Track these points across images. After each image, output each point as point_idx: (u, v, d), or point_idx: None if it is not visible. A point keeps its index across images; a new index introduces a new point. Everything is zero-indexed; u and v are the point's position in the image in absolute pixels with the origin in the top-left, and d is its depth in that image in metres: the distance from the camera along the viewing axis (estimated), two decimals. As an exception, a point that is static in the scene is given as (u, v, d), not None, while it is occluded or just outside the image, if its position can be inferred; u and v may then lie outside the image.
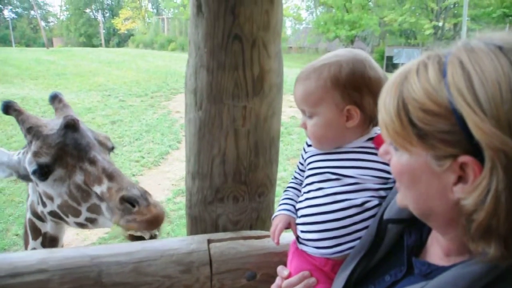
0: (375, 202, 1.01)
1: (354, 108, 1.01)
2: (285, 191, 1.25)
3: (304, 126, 1.09)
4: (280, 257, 1.27)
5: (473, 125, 0.58)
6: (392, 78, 0.71)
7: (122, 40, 41.43)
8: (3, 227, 4.74)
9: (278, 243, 1.14)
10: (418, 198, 0.71)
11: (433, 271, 0.74)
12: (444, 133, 0.61)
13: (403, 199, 0.76)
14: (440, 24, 24.68)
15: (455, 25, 25.34)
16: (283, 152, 7.15)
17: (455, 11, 25.07)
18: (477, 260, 0.65)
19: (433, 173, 0.66)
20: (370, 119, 1.04)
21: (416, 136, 0.65)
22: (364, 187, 1.02)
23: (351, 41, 27.01)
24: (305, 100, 1.05)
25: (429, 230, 0.84)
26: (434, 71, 0.64)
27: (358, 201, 1.01)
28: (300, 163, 1.21)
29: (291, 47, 33.83)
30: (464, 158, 0.60)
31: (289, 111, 9.73)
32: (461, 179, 0.63)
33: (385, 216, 0.90)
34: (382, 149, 0.79)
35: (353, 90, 1.00)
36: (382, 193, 1.02)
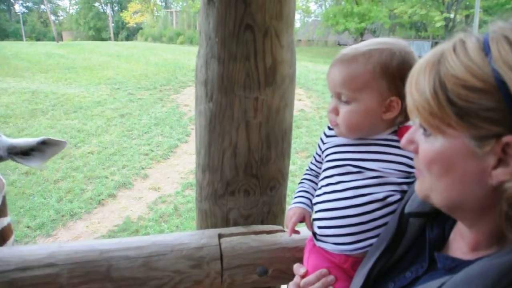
0: (398, 196, 0.98)
1: (397, 100, 0.95)
2: (301, 183, 1.22)
3: (335, 111, 1.01)
4: (293, 253, 1.24)
5: None
6: (423, 59, 0.67)
7: (131, 34, 41.51)
8: (15, 219, 4.78)
9: (290, 234, 1.12)
10: (451, 187, 0.67)
11: (458, 265, 0.70)
12: (488, 110, 0.58)
13: (428, 189, 0.71)
14: (452, 16, 24.32)
15: (467, 16, 24.94)
16: (292, 145, 7.11)
17: (467, 3, 24.66)
18: (508, 250, 0.61)
19: (471, 156, 0.62)
20: (405, 114, 1.00)
21: (456, 115, 0.61)
22: (387, 181, 0.98)
23: (360, 33, 26.76)
24: (347, 84, 0.97)
25: (452, 224, 0.80)
26: (474, 47, 0.60)
27: (380, 195, 0.97)
28: (317, 154, 1.17)
29: (300, 40, 33.62)
30: (509, 138, 0.57)
31: (298, 104, 9.68)
32: (501, 162, 0.59)
33: (406, 210, 0.86)
34: (405, 138, 0.74)
35: (400, 81, 0.93)
36: (405, 187, 0.99)
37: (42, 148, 1.37)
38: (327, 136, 1.11)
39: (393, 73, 0.95)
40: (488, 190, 0.62)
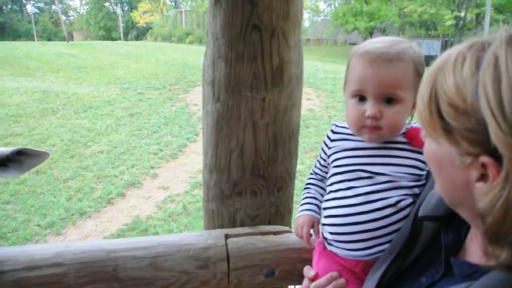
0: (410, 200, 0.96)
1: None
2: (306, 188, 1.20)
3: (378, 114, 0.95)
4: (299, 254, 1.24)
5: (492, 130, 0.54)
6: (432, 66, 0.68)
7: (141, 33, 41.68)
8: (26, 218, 4.83)
9: (310, 245, 1.13)
10: (445, 187, 0.70)
11: (475, 271, 0.69)
12: (468, 131, 0.58)
13: (435, 184, 0.74)
14: (462, 14, 24.04)
15: (478, 15, 24.68)
16: (301, 145, 7.10)
17: (478, 1, 24.39)
18: None
19: (456, 166, 0.63)
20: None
21: (442, 129, 0.62)
22: (398, 185, 0.97)
23: (370, 33, 26.58)
24: (399, 83, 0.93)
25: (468, 228, 0.79)
26: (470, 65, 0.60)
27: (393, 200, 0.96)
28: (322, 158, 1.14)
29: (309, 39, 33.53)
30: (484, 159, 0.57)
31: (307, 104, 9.64)
32: (484, 176, 0.59)
33: (420, 213, 0.85)
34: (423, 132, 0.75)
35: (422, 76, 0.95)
36: (416, 190, 0.97)
37: (20, 159, 1.26)
38: (332, 140, 1.09)
39: (422, 68, 0.96)
40: (475, 199, 0.62)
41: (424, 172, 0.99)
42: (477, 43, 0.62)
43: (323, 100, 10.36)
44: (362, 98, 0.97)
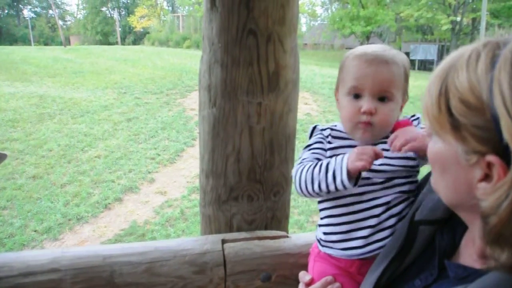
0: (403, 197, 1.00)
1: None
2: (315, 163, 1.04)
3: (373, 110, 0.98)
4: (296, 258, 1.24)
5: (505, 128, 0.54)
6: (443, 62, 0.68)
7: (138, 38, 41.74)
8: (22, 223, 4.81)
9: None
10: (447, 187, 0.69)
11: (470, 274, 0.69)
12: (477, 128, 0.58)
13: (435, 183, 0.74)
14: (458, 19, 24.18)
15: (474, 19, 24.82)
16: (298, 149, 7.07)
17: (474, 6, 24.54)
18: None
19: (460, 165, 0.63)
20: None
21: (450, 125, 0.62)
22: (391, 184, 1.00)
23: (366, 37, 26.71)
24: (393, 83, 0.99)
25: (463, 231, 0.79)
26: (484, 61, 0.59)
27: (388, 198, 0.99)
28: (321, 150, 1.05)
29: (306, 44, 33.68)
30: (491, 158, 0.57)
31: (304, 108, 9.66)
32: (487, 177, 0.59)
33: (417, 217, 0.86)
34: (426, 129, 0.75)
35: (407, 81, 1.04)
36: (409, 187, 1.00)
37: None
38: (334, 137, 1.07)
39: (409, 75, 1.03)
40: (477, 199, 0.62)
41: (416, 162, 1.02)
42: (492, 42, 0.62)
43: (321, 104, 10.39)
44: (357, 96, 1.01)
